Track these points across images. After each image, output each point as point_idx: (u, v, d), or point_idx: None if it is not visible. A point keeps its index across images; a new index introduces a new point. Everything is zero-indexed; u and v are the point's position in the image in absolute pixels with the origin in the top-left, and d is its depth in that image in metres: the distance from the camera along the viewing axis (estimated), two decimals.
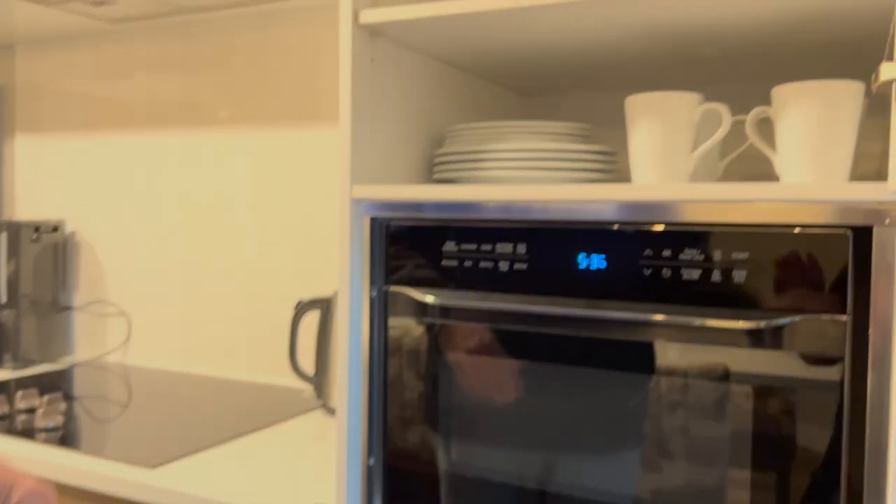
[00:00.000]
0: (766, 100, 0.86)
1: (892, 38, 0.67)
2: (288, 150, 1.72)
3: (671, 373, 0.79)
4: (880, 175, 1.00)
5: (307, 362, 1.68)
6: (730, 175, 1.05)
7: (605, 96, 1.36)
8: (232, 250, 1.81)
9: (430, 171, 1.11)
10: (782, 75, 1.19)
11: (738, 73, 1.19)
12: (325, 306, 1.53)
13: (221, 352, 1.83)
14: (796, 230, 0.73)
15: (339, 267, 0.97)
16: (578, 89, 1.37)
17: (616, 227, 0.83)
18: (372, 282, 0.97)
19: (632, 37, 0.98)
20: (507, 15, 0.89)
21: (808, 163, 0.80)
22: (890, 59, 0.68)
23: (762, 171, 0.93)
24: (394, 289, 0.96)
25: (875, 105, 1.00)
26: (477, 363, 0.91)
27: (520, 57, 1.12)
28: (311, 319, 1.68)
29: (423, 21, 0.93)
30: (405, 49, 1.05)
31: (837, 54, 1.05)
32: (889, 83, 0.65)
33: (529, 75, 1.27)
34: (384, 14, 0.93)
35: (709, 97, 1.24)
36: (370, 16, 0.94)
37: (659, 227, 0.80)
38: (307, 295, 1.71)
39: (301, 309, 1.52)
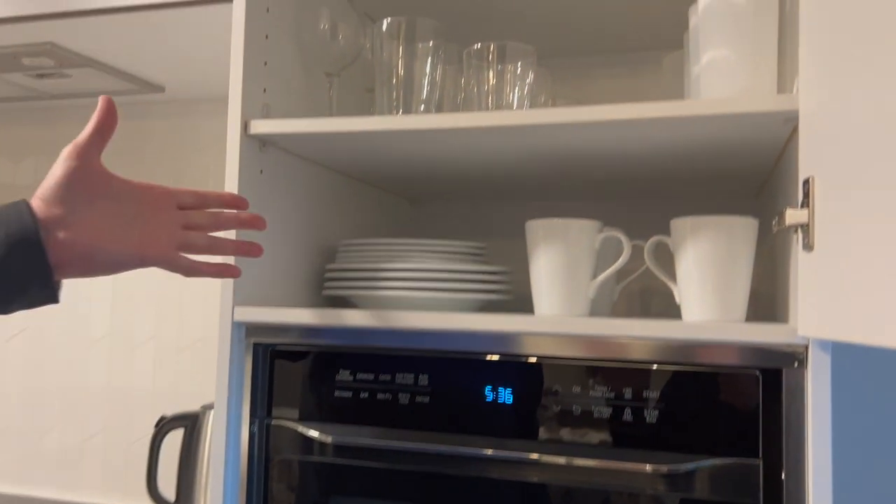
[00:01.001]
0: (659, 212, 0.87)
1: (800, 184, 0.68)
2: None
3: None
4: (756, 294, 1.02)
5: (168, 488, 1.50)
6: (625, 292, 1.05)
7: (498, 205, 1.35)
8: (85, 356, 1.63)
9: (321, 287, 1.04)
10: (674, 195, 1.23)
11: (632, 191, 1.21)
12: (191, 423, 1.38)
13: (69, 471, 1.61)
14: (706, 370, 0.72)
15: (216, 396, 0.87)
16: (471, 198, 1.36)
17: (523, 359, 0.79)
18: (253, 414, 0.87)
19: (523, 159, 0.97)
20: (399, 135, 0.86)
21: (710, 298, 0.80)
22: (803, 203, 0.69)
23: (655, 285, 0.93)
24: (278, 422, 0.87)
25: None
26: None
27: (412, 170, 1.09)
28: (175, 438, 1.52)
29: (315, 135, 0.88)
30: (296, 158, 0.99)
31: (725, 180, 1.09)
32: (793, 227, 0.66)
33: (421, 186, 1.24)
34: (276, 126, 0.87)
35: (606, 211, 1.27)
36: (261, 126, 0.88)
37: (566, 362, 0.77)
38: (171, 409, 1.55)
39: (163, 426, 1.37)
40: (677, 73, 1.07)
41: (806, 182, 0.64)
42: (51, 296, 0.65)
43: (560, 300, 0.88)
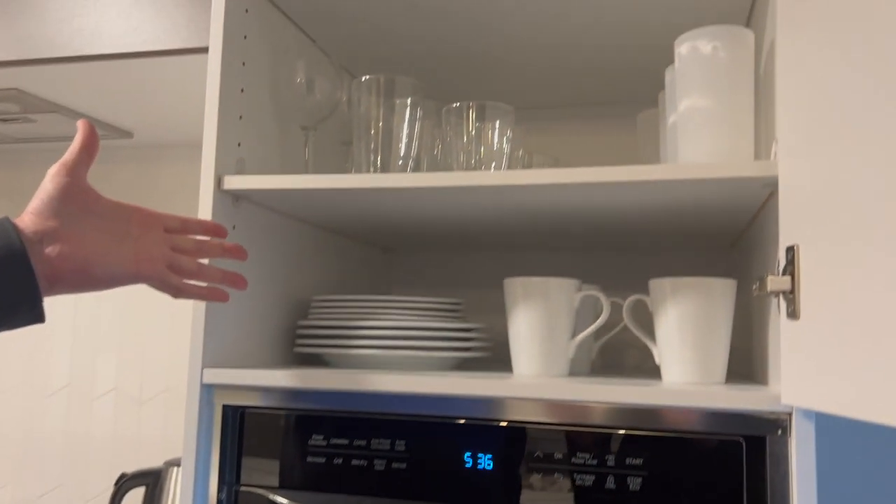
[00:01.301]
0: (634, 263, 0.86)
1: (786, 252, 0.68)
2: (121, 306, 1.55)
3: None
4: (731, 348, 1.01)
5: None
6: (604, 347, 1.04)
7: (473, 255, 1.34)
8: (42, 407, 1.56)
9: (293, 343, 1.01)
10: (649, 246, 1.24)
11: (609, 243, 1.21)
12: (153, 481, 1.33)
13: None
14: (689, 436, 0.71)
15: (182, 461, 0.83)
16: (446, 248, 1.35)
17: (503, 423, 0.77)
18: (221, 480, 0.84)
19: (500, 215, 0.97)
20: (376, 193, 0.85)
21: (690, 360, 0.80)
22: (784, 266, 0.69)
23: (633, 339, 0.92)
24: (247, 489, 0.83)
25: None
26: None
27: (387, 224, 1.07)
28: (136, 497, 1.46)
29: (291, 191, 0.86)
30: (270, 212, 0.97)
31: (700, 234, 1.10)
32: (775, 293, 0.66)
33: (396, 237, 1.22)
34: (250, 182, 0.85)
35: (583, 261, 1.27)
36: (235, 182, 0.86)
37: (548, 427, 0.75)
38: (132, 463, 1.50)
39: (123, 484, 1.31)
40: (652, 129, 1.08)
41: (790, 249, 0.64)
42: (38, 315, 0.63)
43: (539, 360, 0.86)
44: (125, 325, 1.54)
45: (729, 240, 1.14)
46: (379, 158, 0.91)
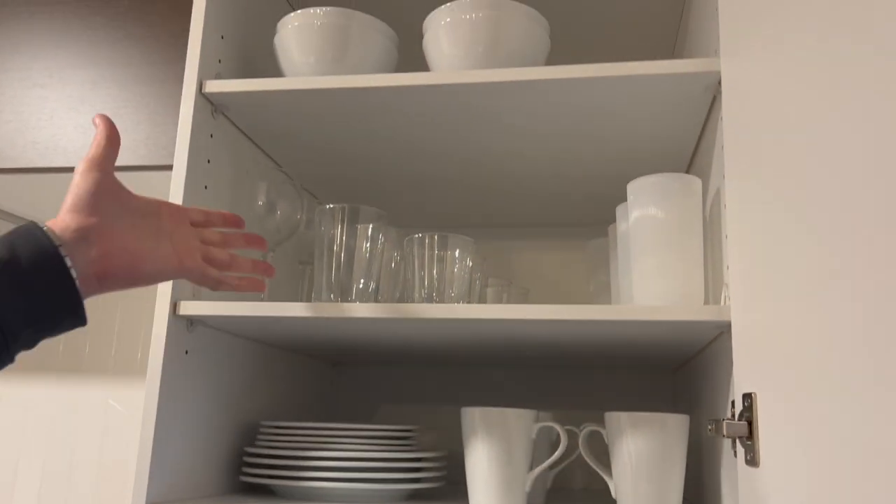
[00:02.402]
0: (586, 381, 0.87)
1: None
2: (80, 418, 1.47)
3: None
4: None
5: None
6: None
7: (425, 371, 1.34)
8: None
9: (239, 471, 0.97)
10: (600, 366, 1.25)
11: (562, 364, 1.23)
12: None
13: None
14: None
15: None
16: (397, 363, 1.34)
17: None
18: None
19: (456, 341, 0.97)
20: (335, 322, 0.84)
21: (645, 496, 0.80)
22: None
23: (582, 459, 0.92)
24: None
25: None
26: None
27: (340, 343, 1.07)
28: None
29: (248, 318, 0.85)
30: (223, 334, 0.95)
31: (649, 362, 1.12)
32: (731, 437, 0.68)
33: (346, 354, 1.21)
34: (206, 308, 0.84)
35: (535, 378, 1.28)
36: (190, 308, 0.84)
37: None
38: None
39: None
40: (601, 257, 1.12)
41: (746, 396, 0.66)
42: (80, 318, 0.60)
43: (497, 493, 0.85)
44: (50, 437, 1.46)
45: (674, 364, 1.17)
46: (339, 283, 0.91)
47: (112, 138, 0.67)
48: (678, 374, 1.22)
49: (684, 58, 1.12)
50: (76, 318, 0.59)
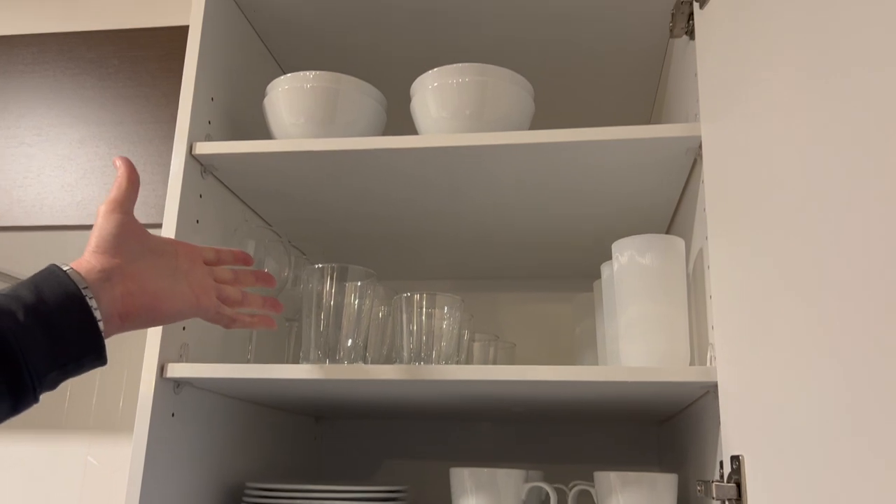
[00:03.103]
0: (573, 435, 0.87)
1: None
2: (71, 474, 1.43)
3: None
4: None
5: None
6: None
7: (410, 424, 1.33)
8: None
9: None
10: (587, 420, 1.25)
11: (550, 419, 1.23)
12: None
13: None
14: None
15: None
16: (382, 417, 1.33)
17: None
18: None
19: (444, 400, 0.97)
20: (323, 383, 0.84)
21: None
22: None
23: None
24: None
25: None
26: None
27: (326, 401, 1.06)
28: None
29: (233, 380, 0.85)
30: (209, 394, 0.94)
31: (635, 416, 1.13)
32: (720, 499, 0.68)
33: (332, 410, 1.21)
34: (193, 370, 0.84)
35: (522, 433, 1.27)
36: (178, 370, 0.84)
37: None
38: None
39: None
40: (587, 312, 1.13)
41: (735, 459, 0.67)
42: (102, 357, 0.61)
43: None
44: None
45: (660, 417, 1.17)
46: (327, 341, 0.91)
47: (133, 180, 0.69)
48: (664, 426, 1.22)
49: (662, 120, 1.16)
50: (99, 359, 0.61)
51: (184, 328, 0.88)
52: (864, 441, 0.46)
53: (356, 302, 0.93)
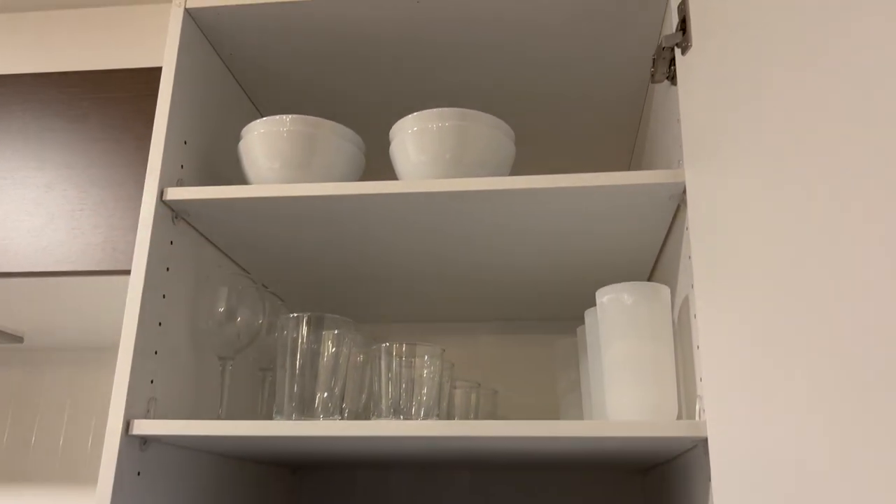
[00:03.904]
0: (559, 485, 0.84)
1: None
2: None
3: None
4: None
5: None
6: None
7: (389, 474, 1.29)
8: None
9: None
10: (573, 468, 1.22)
11: (533, 467, 1.19)
12: None
13: None
14: None
15: None
16: (360, 467, 1.29)
17: None
18: None
19: (423, 454, 0.94)
20: (296, 439, 0.81)
21: None
22: None
23: None
24: None
25: None
26: None
27: (302, 455, 1.02)
28: None
29: (203, 437, 0.81)
30: (177, 448, 0.90)
31: (624, 463, 1.10)
32: None
33: (304, 462, 1.16)
34: (162, 427, 0.80)
35: (504, 480, 1.24)
36: (145, 427, 0.80)
37: None
38: None
39: None
40: (570, 357, 1.11)
41: None
42: None
43: None
44: None
45: (645, 467, 1.14)
46: (302, 393, 0.88)
47: None
48: (649, 475, 1.19)
49: (643, 163, 1.15)
50: None
51: (152, 381, 0.85)
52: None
53: (333, 352, 0.90)
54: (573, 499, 1.24)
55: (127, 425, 0.80)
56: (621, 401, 0.79)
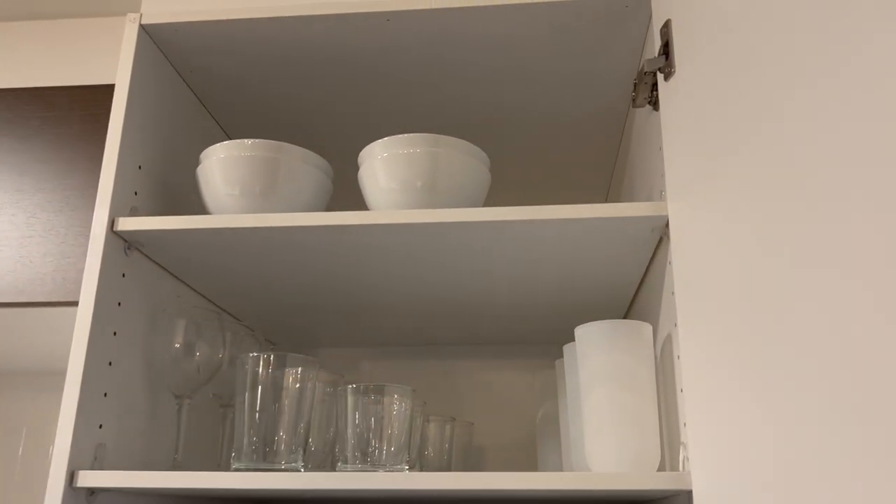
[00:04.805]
0: None
1: None
2: None
3: None
4: None
5: None
6: None
7: None
8: None
9: None
10: None
11: None
12: None
13: None
14: None
15: None
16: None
17: None
18: None
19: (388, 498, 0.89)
20: (255, 491, 0.75)
21: None
22: None
23: None
24: None
25: None
26: None
27: (260, 499, 0.97)
28: None
29: (157, 490, 0.75)
30: (129, 496, 0.84)
31: None
32: None
33: (268, 501, 1.11)
34: (108, 478, 0.74)
35: None
36: (90, 479, 0.74)
37: None
38: None
39: None
40: (549, 390, 1.07)
41: None
42: None
43: None
44: None
45: None
46: (262, 437, 0.82)
47: None
48: None
49: (622, 189, 1.11)
50: None
51: (100, 426, 0.79)
52: None
53: (296, 390, 0.84)
54: None
55: (71, 476, 0.74)
56: (600, 447, 0.74)
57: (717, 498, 0.62)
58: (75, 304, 0.92)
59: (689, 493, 0.68)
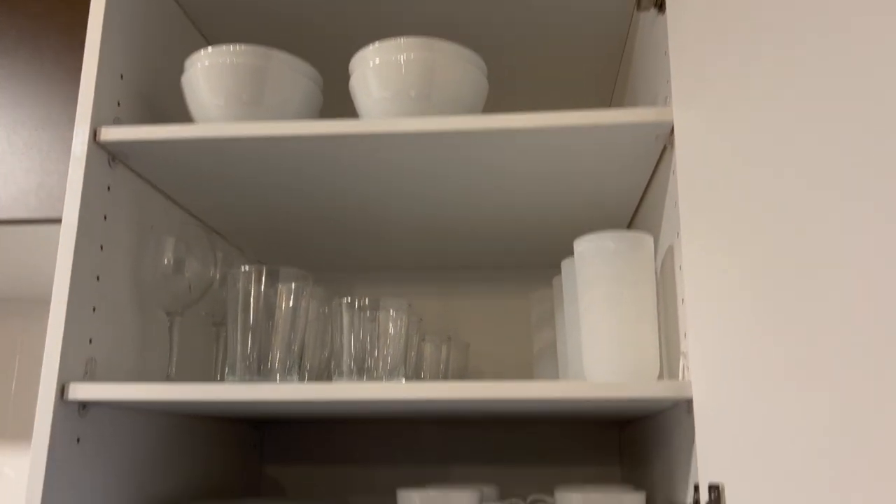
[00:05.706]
0: (531, 453, 0.80)
1: None
2: None
3: None
4: None
5: None
6: None
7: (354, 429, 1.24)
8: None
9: None
10: (547, 433, 1.18)
11: (506, 420, 1.15)
12: None
13: None
14: None
15: None
16: (325, 421, 1.24)
17: None
18: None
19: (392, 416, 0.89)
20: (253, 404, 0.75)
21: None
22: None
23: None
24: None
25: None
26: None
27: (256, 414, 0.96)
28: None
29: (151, 402, 0.74)
30: (123, 410, 0.83)
31: (601, 418, 1.05)
32: None
33: (263, 418, 1.11)
34: (101, 391, 0.73)
35: (475, 434, 1.20)
36: (82, 391, 0.73)
37: None
38: None
39: None
40: (546, 309, 1.05)
41: (713, 488, 0.60)
42: None
43: None
44: None
45: (622, 422, 1.10)
46: (256, 352, 0.81)
47: None
48: (626, 429, 1.16)
49: (626, 99, 1.07)
50: None
51: (90, 340, 0.77)
52: (849, 474, 0.39)
53: (290, 307, 0.83)
54: (547, 451, 1.20)
55: (62, 389, 0.72)
56: (599, 358, 0.73)
57: (717, 406, 0.61)
58: (59, 221, 0.90)
59: (689, 401, 0.68)
